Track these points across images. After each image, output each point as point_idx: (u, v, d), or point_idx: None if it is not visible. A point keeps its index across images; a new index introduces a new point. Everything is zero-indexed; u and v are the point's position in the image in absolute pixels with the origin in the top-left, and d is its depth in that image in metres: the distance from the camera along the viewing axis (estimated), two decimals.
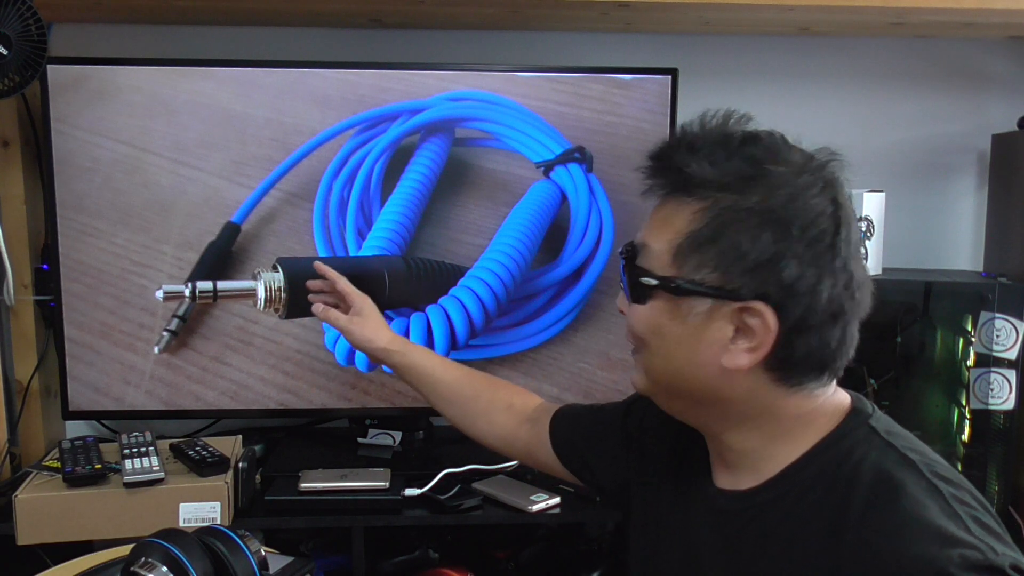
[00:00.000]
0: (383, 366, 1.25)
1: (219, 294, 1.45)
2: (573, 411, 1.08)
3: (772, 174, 0.74)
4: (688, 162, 0.75)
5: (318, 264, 1.30)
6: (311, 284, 1.29)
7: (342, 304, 1.27)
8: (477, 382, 1.18)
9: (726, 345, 0.75)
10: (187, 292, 1.45)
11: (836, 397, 0.81)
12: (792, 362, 0.75)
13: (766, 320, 0.73)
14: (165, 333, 1.56)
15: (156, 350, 1.56)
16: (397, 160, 1.59)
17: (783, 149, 0.77)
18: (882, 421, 0.80)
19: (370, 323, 1.22)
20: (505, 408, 1.13)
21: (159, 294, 1.45)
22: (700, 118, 0.80)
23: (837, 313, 0.74)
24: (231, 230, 1.56)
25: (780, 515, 0.77)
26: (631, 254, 0.79)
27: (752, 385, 0.76)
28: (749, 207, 0.73)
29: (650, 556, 0.92)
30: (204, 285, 1.45)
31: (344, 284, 1.27)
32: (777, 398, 0.77)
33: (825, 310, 0.73)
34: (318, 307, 1.26)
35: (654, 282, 0.77)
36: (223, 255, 1.56)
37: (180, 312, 1.56)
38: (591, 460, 1.02)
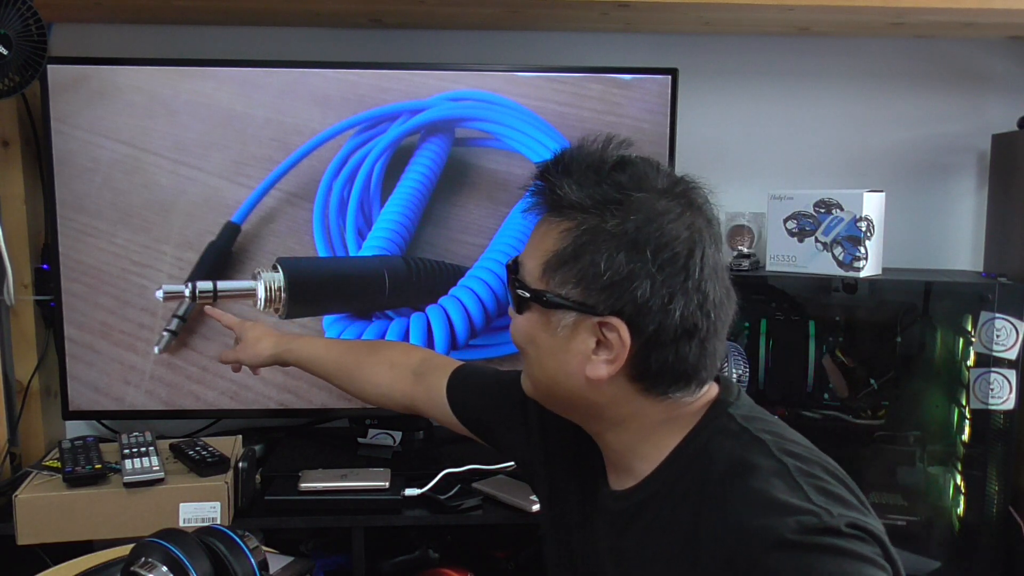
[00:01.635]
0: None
1: (219, 294, 1.45)
2: (473, 376, 1.13)
3: (632, 199, 0.79)
4: (561, 184, 0.81)
5: (208, 309, 1.39)
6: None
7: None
8: (359, 350, 1.26)
9: (589, 356, 0.81)
10: (187, 292, 1.45)
11: (707, 394, 0.86)
12: (650, 374, 0.80)
13: (621, 334, 0.78)
14: (165, 333, 1.56)
15: (156, 350, 1.56)
16: (397, 160, 1.59)
17: (651, 176, 0.81)
18: (742, 407, 0.85)
19: (250, 345, 1.30)
20: (388, 366, 1.19)
21: (159, 294, 1.46)
22: (581, 141, 0.84)
23: (691, 330, 0.79)
24: (231, 230, 1.56)
25: (655, 510, 0.83)
26: (513, 268, 0.86)
27: (617, 393, 0.82)
28: (607, 229, 0.78)
29: (563, 556, 0.97)
30: (204, 285, 1.46)
31: (227, 319, 1.36)
32: (644, 405, 0.83)
33: (678, 327, 0.78)
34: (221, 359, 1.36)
35: (527, 294, 0.83)
36: (223, 255, 1.56)
37: (180, 312, 1.56)
38: (492, 424, 1.08)
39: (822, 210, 1.56)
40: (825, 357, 1.60)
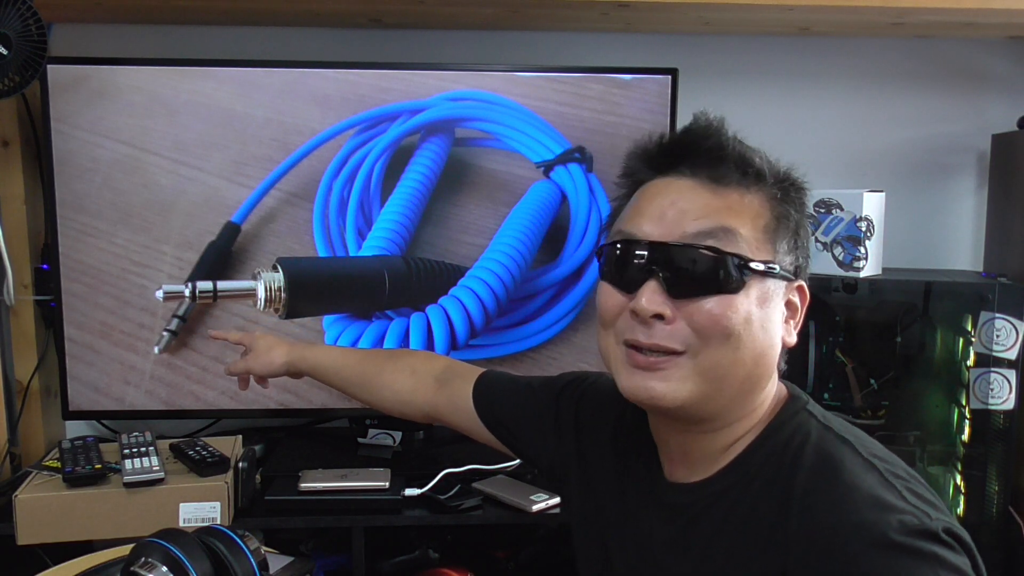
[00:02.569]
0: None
1: (219, 294, 1.45)
2: (500, 380, 1.10)
3: (789, 176, 0.82)
4: (752, 157, 0.81)
5: (213, 333, 1.37)
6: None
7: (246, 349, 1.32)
8: (379, 357, 1.24)
9: (783, 323, 0.81)
10: (187, 292, 1.45)
11: (777, 386, 0.85)
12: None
13: (805, 295, 0.82)
14: (165, 333, 1.56)
15: (156, 350, 1.56)
16: (397, 160, 1.59)
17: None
18: (817, 408, 0.84)
19: (262, 353, 1.28)
20: (409, 373, 1.17)
21: (159, 294, 1.46)
22: (712, 118, 0.86)
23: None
24: (231, 230, 1.56)
25: (731, 503, 0.79)
26: (716, 240, 0.76)
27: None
28: (794, 199, 0.81)
29: (598, 552, 0.93)
30: (204, 285, 1.46)
31: (232, 336, 1.34)
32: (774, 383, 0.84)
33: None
34: (228, 371, 1.33)
35: (760, 267, 0.77)
36: (223, 255, 1.56)
37: (180, 312, 1.56)
38: (519, 428, 1.05)
39: (822, 210, 1.56)
40: (823, 357, 1.60)
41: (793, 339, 0.82)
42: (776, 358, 0.81)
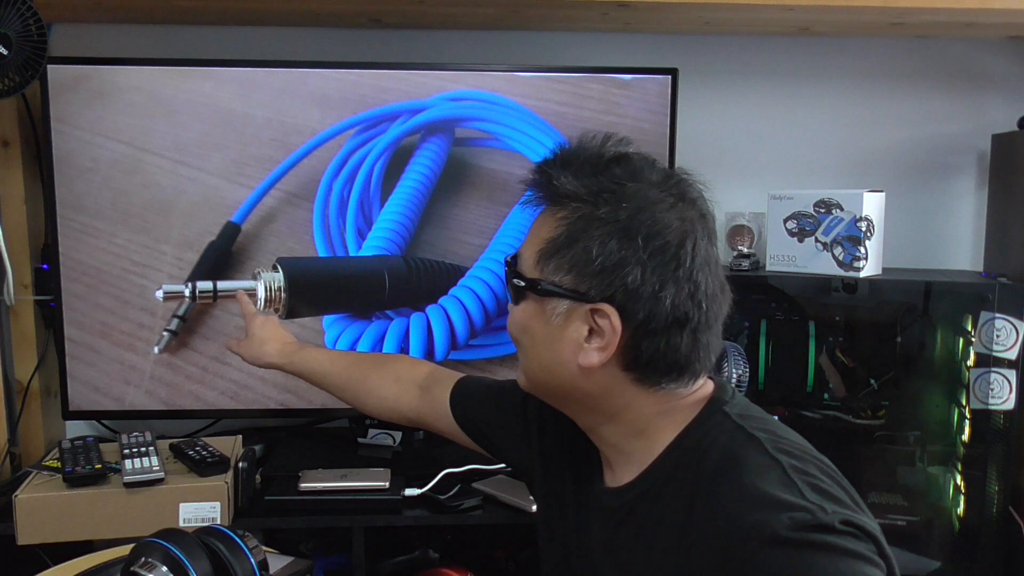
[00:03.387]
0: None
1: (219, 294, 1.45)
2: (475, 386, 1.14)
3: (626, 189, 0.80)
4: (558, 176, 0.82)
5: (239, 294, 1.38)
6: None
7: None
8: (365, 364, 1.26)
9: (581, 344, 0.81)
10: (187, 292, 1.45)
11: (701, 390, 0.86)
12: (642, 363, 0.81)
13: (612, 321, 0.79)
14: (165, 333, 1.56)
15: (156, 350, 1.56)
16: (397, 160, 1.59)
17: (646, 170, 0.83)
18: (737, 406, 0.85)
19: (255, 344, 1.30)
20: (393, 380, 1.20)
21: (159, 294, 1.46)
22: (580, 137, 0.86)
23: (682, 319, 0.80)
24: (231, 230, 1.56)
25: (648, 506, 0.83)
26: (512, 261, 0.87)
27: (610, 383, 0.83)
28: (600, 216, 0.79)
29: (558, 557, 0.97)
30: (204, 285, 1.46)
31: (247, 309, 1.35)
32: (637, 396, 0.83)
33: (669, 315, 0.79)
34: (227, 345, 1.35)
35: (522, 283, 0.84)
36: (223, 255, 1.56)
37: (180, 312, 1.56)
38: (493, 436, 1.10)
39: (822, 210, 1.56)
40: (822, 357, 1.60)
41: (591, 361, 0.81)
42: (573, 375, 0.82)
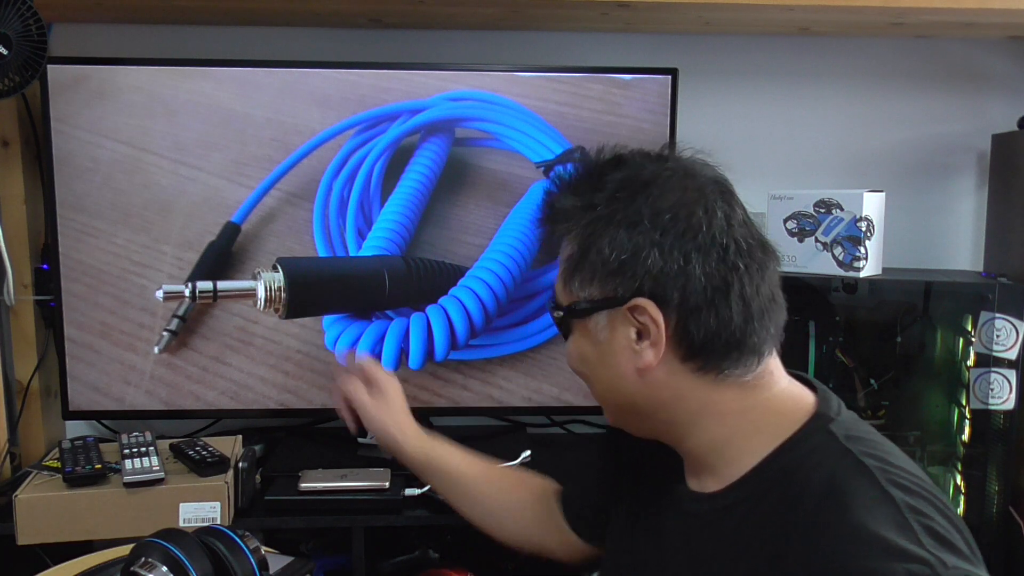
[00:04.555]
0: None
1: (219, 294, 1.46)
2: (575, 486, 1.09)
3: (617, 182, 0.78)
4: (558, 201, 0.81)
5: (362, 361, 1.16)
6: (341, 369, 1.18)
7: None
8: (498, 480, 1.14)
9: (633, 348, 0.78)
10: (187, 292, 1.45)
11: (790, 394, 0.81)
12: (697, 346, 0.76)
13: (651, 313, 0.76)
14: (165, 333, 1.56)
15: (156, 350, 1.56)
16: (397, 160, 1.59)
17: (640, 158, 0.81)
18: (844, 425, 0.78)
19: (395, 410, 1.11)
20: (532, 505, 1.10)
21: (159, 294, 1.46)
22: (578, 160, 0.84)
23: (722, 287, 0.75)
24: (231, 230, 1.56)
25: (737, 520, 0.77)
26: (552, 298, 0.85)
27: (676, 382, 0.79)
28: (602, 217, 0.77)
29: (622, 555, 0.93)
30: (204, 285, 1.46)
31: (370, 365, 1.14)
32: (708, 391, 0.79)
33: (705, 287, 0.75)
34: (338, 389, 1.12)
35: (560, 313, 0.83)
36: (223, 255, 1.56)
37: (180, 312, 1.56)
38: (604, 508, 1.00)
39: (822, 210, 1.56)
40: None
41: (643, 361, 0.77)
42: (638, 385, 0.79)
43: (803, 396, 0.81)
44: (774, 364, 0.81)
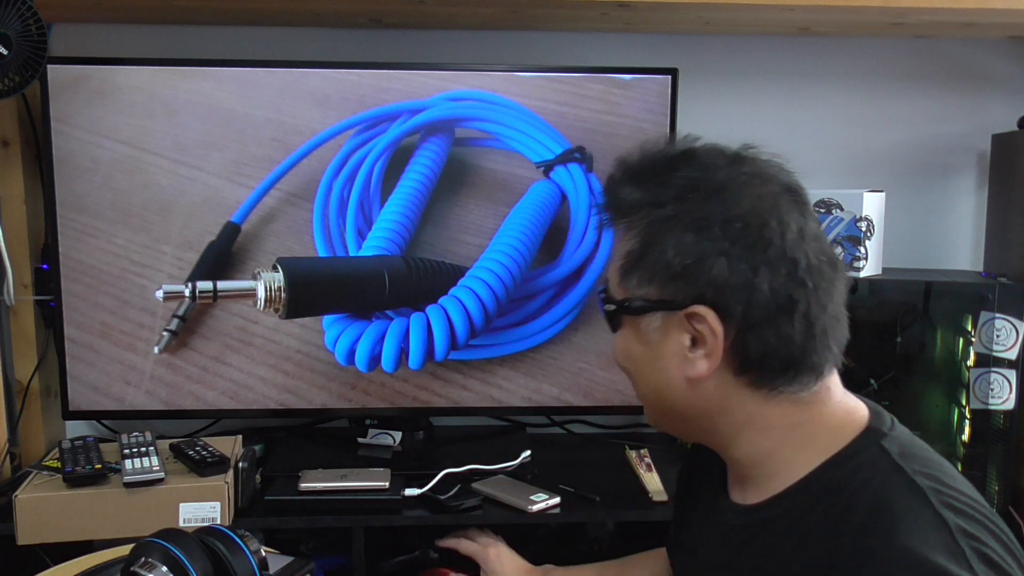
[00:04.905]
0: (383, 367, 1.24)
1: (219, 294, 1.46)
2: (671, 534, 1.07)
3: (691, 181, 0.75)
4: (621, 189, 0.78)
5: (454, 543, 1.32)
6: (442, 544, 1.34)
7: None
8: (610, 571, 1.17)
9: (685, 355, 0.75)
10: (187, 292, 1.45)
11: (843, 409, 0.78)
12: (753, 362, 0.74)
13: (710, 322, 0.73)
14: (165, 333, 1.56)
15: (156, 350, 1.56)
16: (397, 160, 1.59)
17: (713, 156, 0.77)
18: (897, 441, 0.76)
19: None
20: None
21: (159, 294, 1.46)
22: (641, 146, 0.80)
23: (787, 304, 0.72)
24: (231, 230, 1.56)
25: (779, 534, 0.75)
26: (603, 288, 0.83)
27: (725, 392, 0.76)
28: (669, 216, 0.74)
29: (680, 565, 0.93)
30: (204, 285, 1.46)
31: (466, 546, 1.28)
32: (758, 406, 0.76)
33: (770, 302, 0.72)
34: None
35: (613, 307, 0.80)
36: (223, 255, 1.56)
37: (180, 312, 1.56)
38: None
39: (822, 210, 1.56)
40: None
41: (699, 370, 0.75)
42: (685, 392, 0.76)
43: (856, 409, 0.79)
44: (832, 381, 0.79)
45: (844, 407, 0.79)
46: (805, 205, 0.76)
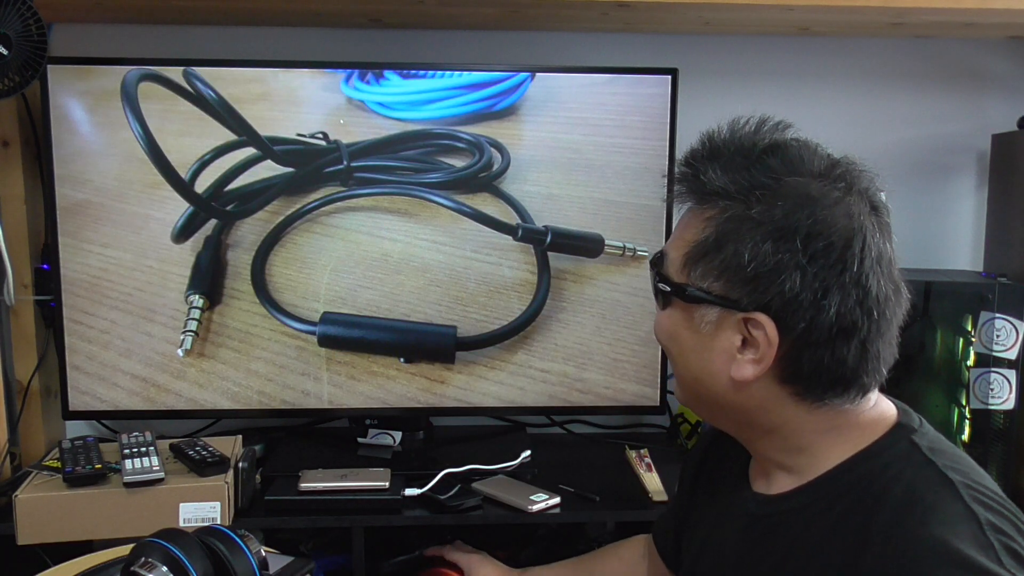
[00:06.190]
0: None
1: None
2: (660, 522, 1.09)
3: (782, 184, 0.73)
4: (706, 169, 0.75)
5: (439, 551, 1.34)
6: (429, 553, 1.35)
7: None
8: (587, 562, 1.20)
9: (734, 355, 0.75)
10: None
11: (877, 409, 0.79)
12: (803, 376, 0.74)
13: (768, 332, 0.72)
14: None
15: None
16: None
17: (806, 159, 0.76)
18: (927, 437, 0.77)
19: None
20: (618, 562, 1.15)
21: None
22: (731, 124, 0.80)
23: (849, 329, 0.72)
24: (229, 228, 1.56)
25: (805, 524, 0.76)
26: (657, 261, 0.81)
27: (767, 397, 0.76)
28: (752, 216, 0.72)
29: (691, 556, 0.92)
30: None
31: (451, 554, 1.30)
32: (798, 413, 0.76)
33: (833, 325, 0.71)
34: None
35: (668, 288, 0.78)
36: (221, 254, 1.56)
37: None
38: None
39: None
40: None
41: (744, 374, 0.74)
42: (726, 387, 0.76)
43: (887, 408, 0.80)
44: (873, 392, 0.79)
45: (877, 408, 0.80)
46: (887, 226, 0.77)
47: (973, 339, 1.53)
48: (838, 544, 0.71)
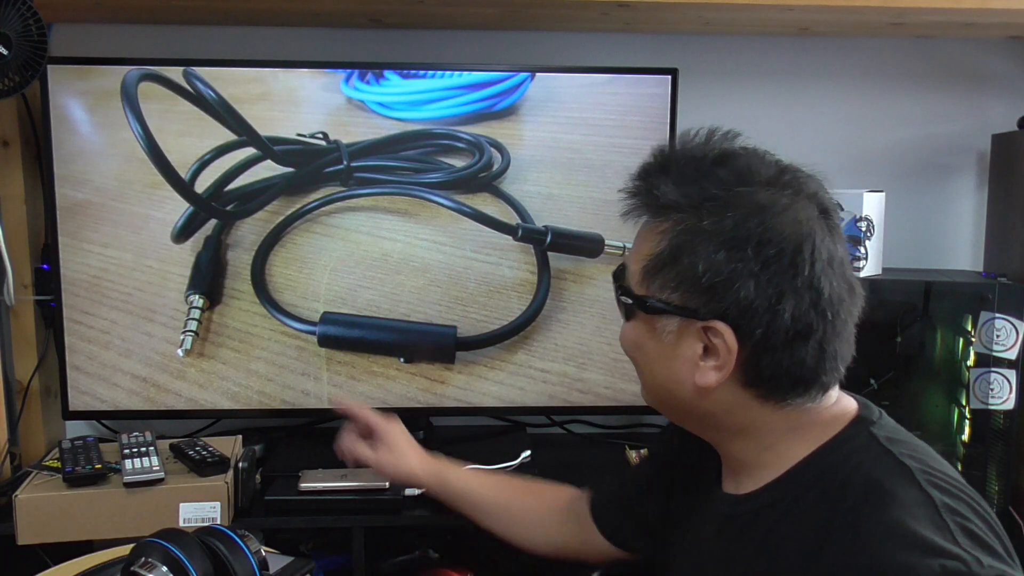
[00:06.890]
0: None
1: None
2: (609, 490, 1.09)
3: (732, 195, 0.75)
4: (657, 184, 0.77)
5: (337, 403, 1.32)
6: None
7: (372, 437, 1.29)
8: (515, 491, 1.21)
9: (696, 362, 0.77)
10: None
11: (839, 405, 0.81)
12: (764, 379, 0.76)
13: (727, 339, 0.75)
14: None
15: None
16: None
17: (755, 167, 0.77)
18: (885, 428, 0.80)
19: (398, 454, 1.25)
20: (545, 507, 1.16)
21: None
22: (683, 136, 0.80)
23: (805, 331, 0.74)
24: (229, 228, 1.56)
25: (774, 519, 0.78)
26: (619, 274, 0.84)
27: (732, 400, 0.79)
28: (704, 228, 0.74)
29: (666, 561, 0.94)
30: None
31: (368, 415, 1.28)
32: (763, 414, 0.79)
33: (789, 329, 0.74)
34: (344, 449, 1.27)
35: (630, 300, 0.81)
36: (221, 254, 1.56)
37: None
38: (651, 523, 1.02)
39: None
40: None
41: (708, 380, 0.77)
42: (691, 393, 0.78)
43: (848, 403, 0.82)
44: (834, 390, 0.82)
45: (839, 404, 0.82)
46: (837, 228, 0.78)
47: (973, 339, 1.53)
48: (807, 534, 0.73)
